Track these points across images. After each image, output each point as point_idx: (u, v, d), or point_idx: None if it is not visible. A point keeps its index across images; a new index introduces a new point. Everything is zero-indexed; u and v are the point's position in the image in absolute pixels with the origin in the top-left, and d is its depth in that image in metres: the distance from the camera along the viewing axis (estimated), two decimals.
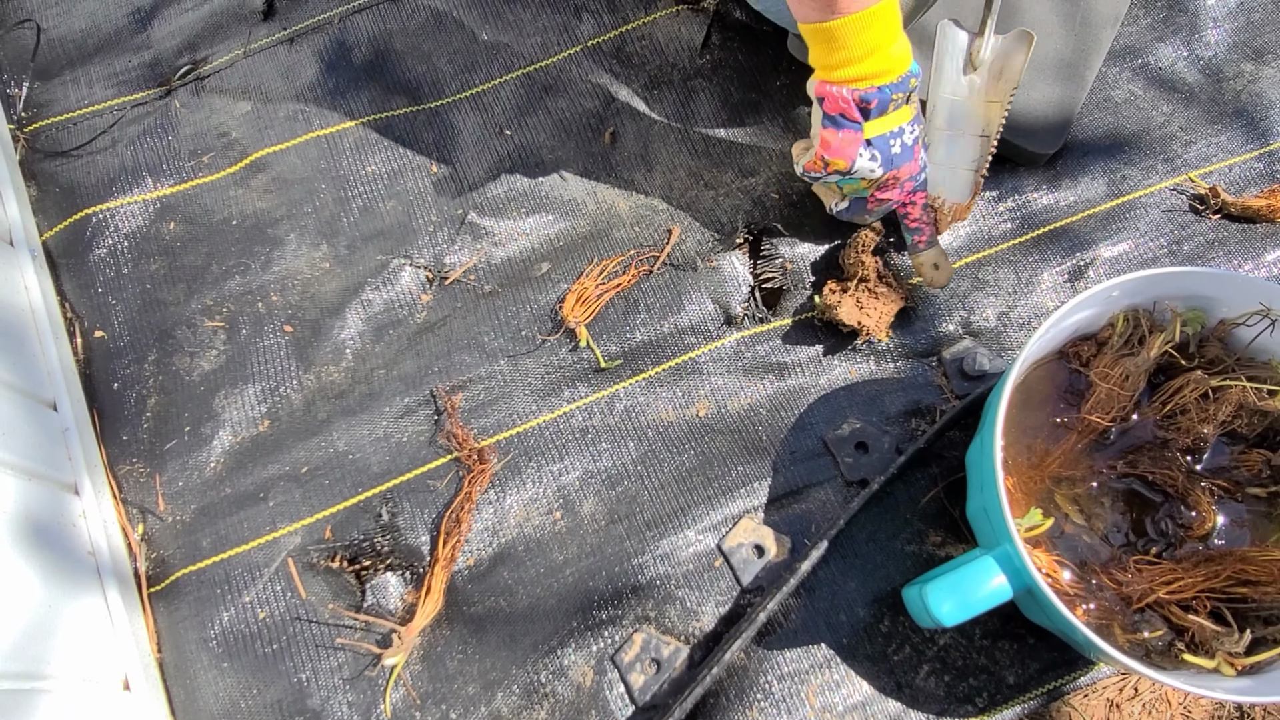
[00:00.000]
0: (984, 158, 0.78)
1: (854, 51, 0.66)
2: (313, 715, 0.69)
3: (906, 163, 0.71)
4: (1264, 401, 0.65)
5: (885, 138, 0.70)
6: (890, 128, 0.69)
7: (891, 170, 0.71)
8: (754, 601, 0.71)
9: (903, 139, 0.70)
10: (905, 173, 0.72)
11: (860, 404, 0.78)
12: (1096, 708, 0.72)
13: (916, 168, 0.73)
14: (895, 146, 0.70)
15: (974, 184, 0.79)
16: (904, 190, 0.74)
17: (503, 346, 0.80)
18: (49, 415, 0.75)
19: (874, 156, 0.70)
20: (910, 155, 0.71)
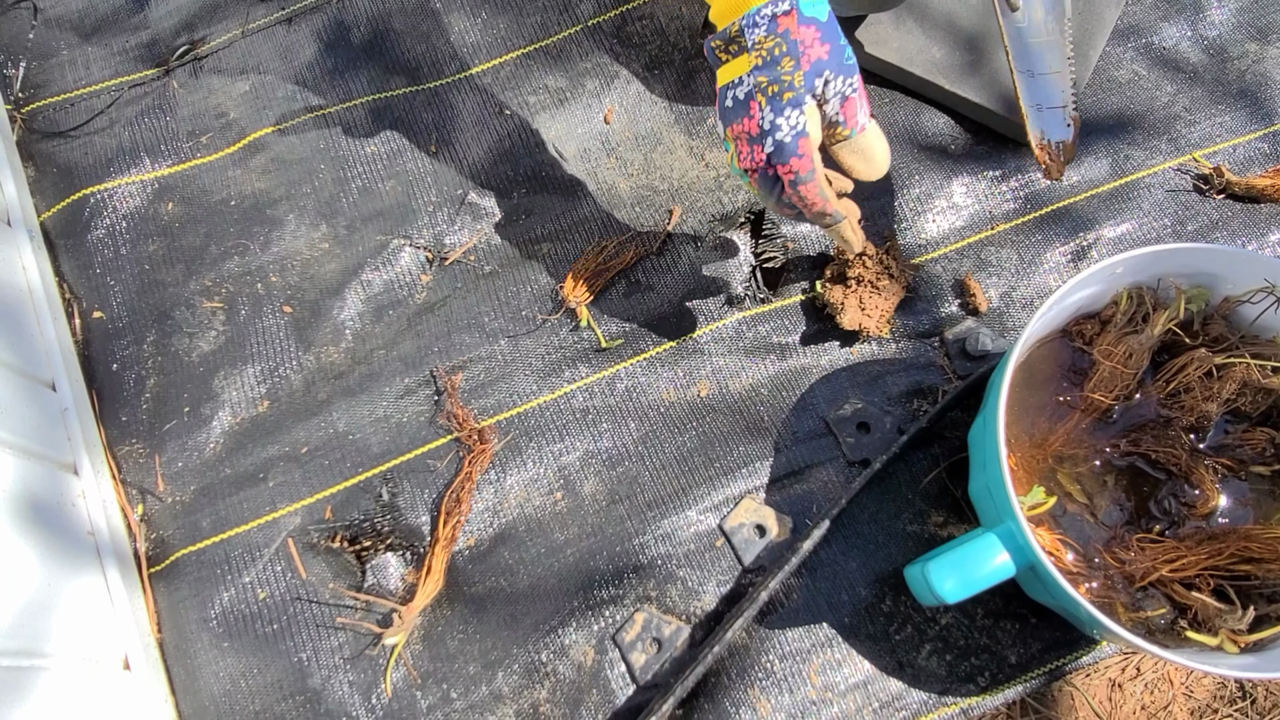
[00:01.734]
0: (1067, 94, 0.78)
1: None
2: (313, 695, 0.69)
3: (738, 120, 0.58)
4: (1268, 379, 0.65)
5: (722, 91, 0.59)
6: (729, 78, 0.59)
7: (728, 127, 0.59)
8: (755, 581, 0.71)
9: (735, 93, 0.58)
10: (737, 131, 0.58)
11: (862, 384, 0.77)
12: (1098, 687, 0.72)
13: (754, 125, 0.57)
14: (728, 101, 0.59)
15: (1069, 120, 0.79)
16: (754, 156, 0.58)
17: (503, 327, 0.79)
18: (48, 395, 0.75)
19: (717, 112, 0.60)
20: (744, 110, 0.58)
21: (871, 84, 0.88)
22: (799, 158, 0.57)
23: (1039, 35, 0.78)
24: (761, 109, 0.57)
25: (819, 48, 0.56)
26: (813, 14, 0.56)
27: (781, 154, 0.57)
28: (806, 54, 0.56)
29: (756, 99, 0.57)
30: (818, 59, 0.56)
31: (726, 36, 0.57)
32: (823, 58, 0.56)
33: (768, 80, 0.57)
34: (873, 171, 0.63)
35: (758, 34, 0.56)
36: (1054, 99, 0.79)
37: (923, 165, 0.84)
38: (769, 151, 0.58)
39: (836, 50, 0.57)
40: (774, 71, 0.57)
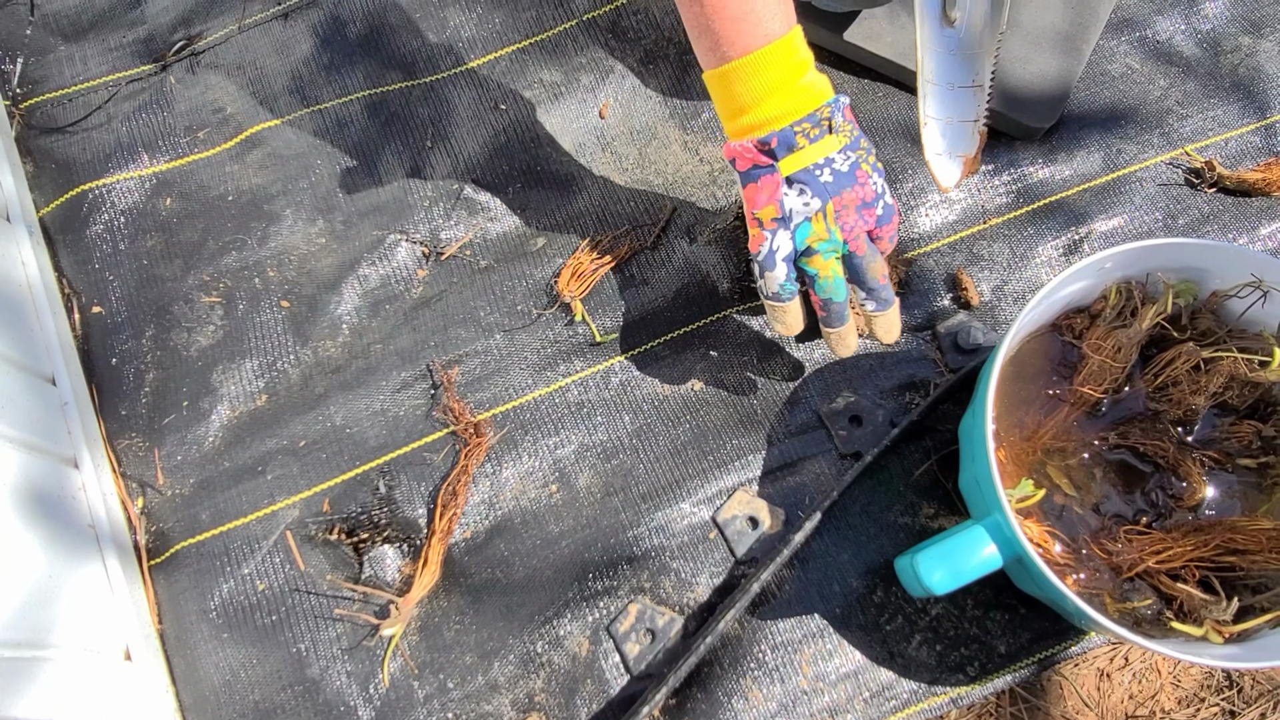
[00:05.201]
0: (980, 108, 0.77)
1: (747, 97, 0.60)
2: (312, 685, 0.70)
3: (848, 188, 0.63)
4: (1255, 373, 0.65)
5: (808, 170, 0.62)
6: (813, 160, 0.62)
7: (832, 197, 0.63)
8: (748, 573, 0.72)
9: (833, 166, 0.62)
10: (850, 199, 0.63)
11: (855, 378, 0.78)
12: (1087, 677, 0.73)
13: (869, 192, 0.63)
14: (824, 174, 0.62)
15: (976, 135, 0.77)
16: (865, 219, 0.64)
17: (498, 321, 0.80)
18: (48, 389, 0.76)
19: (802, 190, 0.62)
20: (851, 179, 0.63)
21: (865, 78, 0.88)
22: (897, 215, 0.66)
23: (971, 47, 0.77)
24: (871, 176, 0.64)
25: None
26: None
27: (890, 214, 0.65)
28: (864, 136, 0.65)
29: (863, 168, 0.63)
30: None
31: (817, 121, 0.61)
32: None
33: (865, 151, 0.63)
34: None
35: (839, 119, 0.62)
36: (967, 112, 0.77)
37: (916, 160, 0.84)
38: (879, 213, 0.64)
39: None
40: (860, 145, 0.63)
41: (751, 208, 0.64)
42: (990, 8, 0.75)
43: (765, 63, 0.59)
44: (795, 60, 0.60)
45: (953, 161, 0.78)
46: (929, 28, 0.76)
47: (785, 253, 0.64)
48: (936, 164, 0.77)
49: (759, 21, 0.59)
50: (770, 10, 0.59)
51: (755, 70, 0.60)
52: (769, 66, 0.59)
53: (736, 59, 0.59)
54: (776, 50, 0.59)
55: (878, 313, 0.68)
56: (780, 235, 0.64)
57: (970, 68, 0.77)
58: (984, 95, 0.76)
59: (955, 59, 0.77)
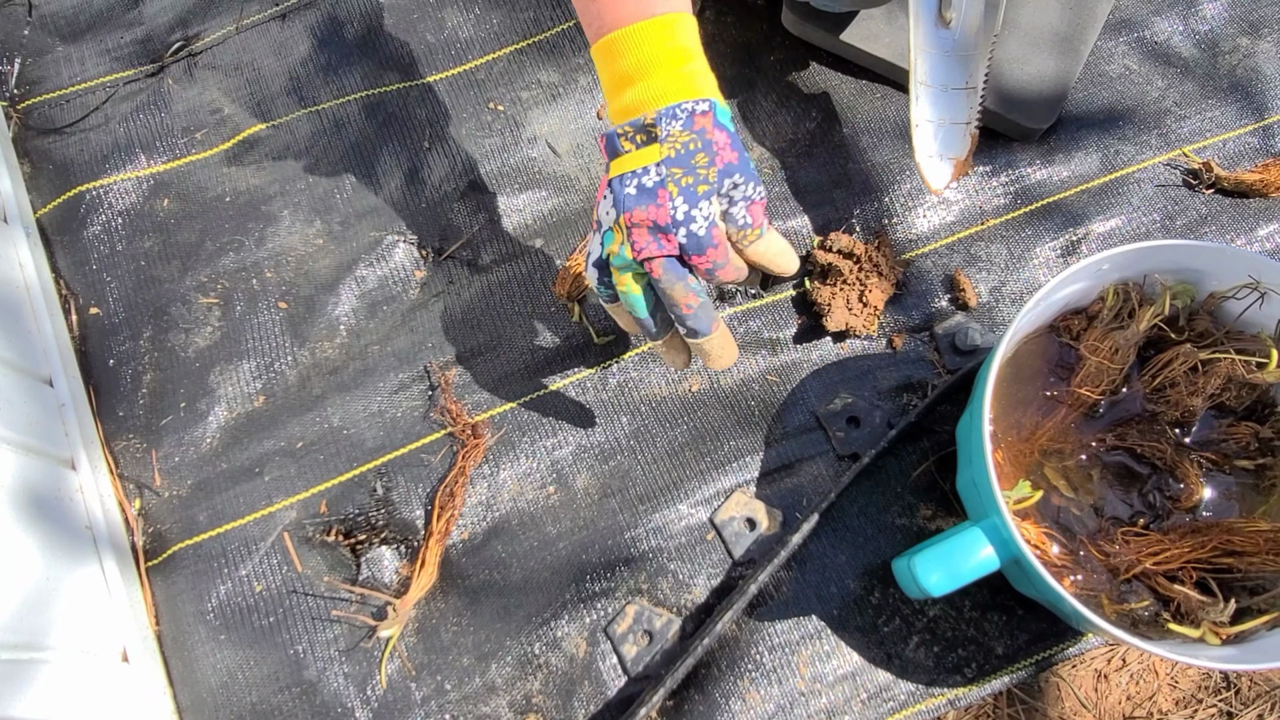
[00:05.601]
0: (973, 111, 0.77)
1: (609, 80, 0.58)
2: (309, 686, 0.70)
3: (642, 207, 0.56)
4: (1252, 374, 0.65)
5: (622, 178, 0.57)
6: (629, 168, 0.57)
7: (625, 212, 0.57)
8: (745, 574, 0.72)
9: (640, 180, 0.57)
10: (641, 218, 0.56)
11: (852, 379, 0.78)
12: (1084, 678, 0.73)
13: (663, 215, 0.56)
14: (630, 186, 0.57)
15: (968, 137, 0.77)
16: (660, 243, 0.57)
17: (496, 322, 0.80)
18: (45, 391, 0.75)
19: (608, 198, 0.58)
20: (650, 198, 0.56)
21: (863, 79, 0.88)
22: (715, 248, 0.57)
23: (966, 49, 0.76)
24: (673, 198, 0.56)
25: (729, 153, 0.57)
26: (724, 123, 0.58)
27: (698, 246, 0.57)
28: (720, 155, 0.57)
29: (667, 188, 0.57)
30: (728, 161, 0.57)
31: (639, 125, 0.57)
32: (732, 161, 0.57)
33: (682, 172, 0.57)
34: (790, 265, 0.62)
35: (674, 127, 0.57)
36: (959, 114, 0.77)
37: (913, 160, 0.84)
38: (682, 241, 0.57)
39: (744, 159, 0.58)
40: (688, 164, 0.57)
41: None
42: (985, 9, 0.75)
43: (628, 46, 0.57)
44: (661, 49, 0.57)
45: (943, 163, 0.78)
46: (923, 29, 0.76)
47: (594, 258, 0.61)
48: (927, 166, 0.77)
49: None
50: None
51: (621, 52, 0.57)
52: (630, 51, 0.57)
53: (606, 34, 0.57)
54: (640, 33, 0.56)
55: (691, 340, 0.62)
56: (594, 239, 0.61)
57: (964, 69, 0.77)
58: (977, 97, 0.76)
59: (949, 60, 0.77)
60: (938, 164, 0.78)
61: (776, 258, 0.61)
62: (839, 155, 0.85)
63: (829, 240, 0.80)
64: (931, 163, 0.77)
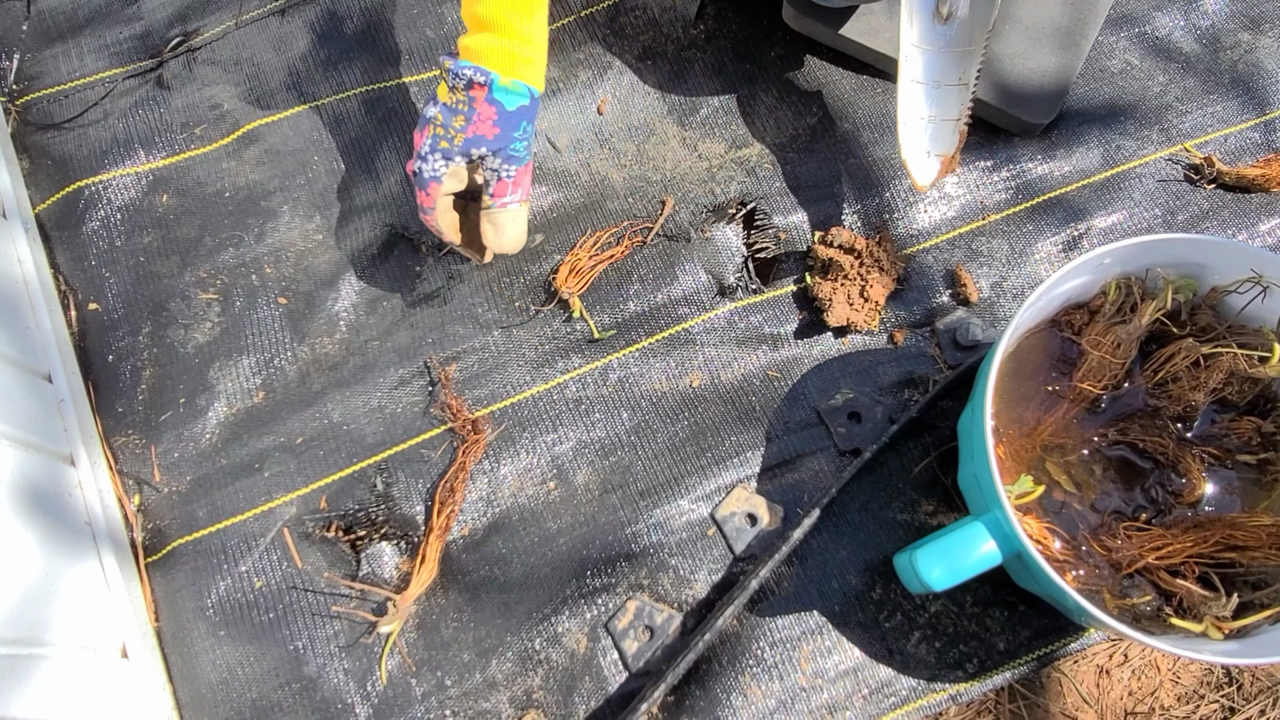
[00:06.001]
0: (964, 108, 0.77)
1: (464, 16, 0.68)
2: (309, 682, 0.69)
3: (417, 130, 0.70)
4: (1254, 369, 0.65)
5: (430, 97, 0.70)
6: (436, 94, 0.69)
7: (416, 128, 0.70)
8: (747, 569, 0.72)
9: (426, 109, 0.69)
10: (414, 139, 0.70)
11: (854, 374, 0.78)
12: (1086, 673, 0.73)
13: (417, 142, 0.70)
14: (425, 109, 0.69)
15: (957, 135, 0.77)
16: (409, 166, 0.71)
17: (496, 318, 0.80)
18: (44, 387, 0.75)
19: None
20: (421, 127, 0.69)
21: (864, 74, 0.88)
22: (425, 194, 0.69)
23: (960, 45, 0.76)
24: (426, 137, 0.68)
25: (488, 127, 0.67)
26: (501, 98, 0.67)
27: (418, 183, 0.70)
28: (476, 125, 0.67)
29: (429, 128, 0.68)
30: (480, 134, 0.67)
31: (439, 66, 0.67)
32: (486, 136, 0.67)
33: (441, 122, 0.68)
34: (500, 243, 0.73)
35: (457, 84, 0.66)
36: (950, 111, 0.77)
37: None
38: (413, 171, 0.69)
39: (504, 137, 0.68)
40: (449, 119, 0.67)
41: None
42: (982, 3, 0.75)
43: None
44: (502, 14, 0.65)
45: (931, 160, 0.77)
46: (920, 24, 0.76)
47: None
48: (914, 162, 0.77)
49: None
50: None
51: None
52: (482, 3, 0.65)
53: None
54: None
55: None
56: None
57: (958, 66, 0.77)
58: (968, 94, 0.76)
59: (944, 57, 0.77)
60: (925, 161, 0.77)
61: (490, 230, 0.72)
62: (840, 150, 0.85)
63: (830, 235, 0.79)
64: (919, 159, 0.77)
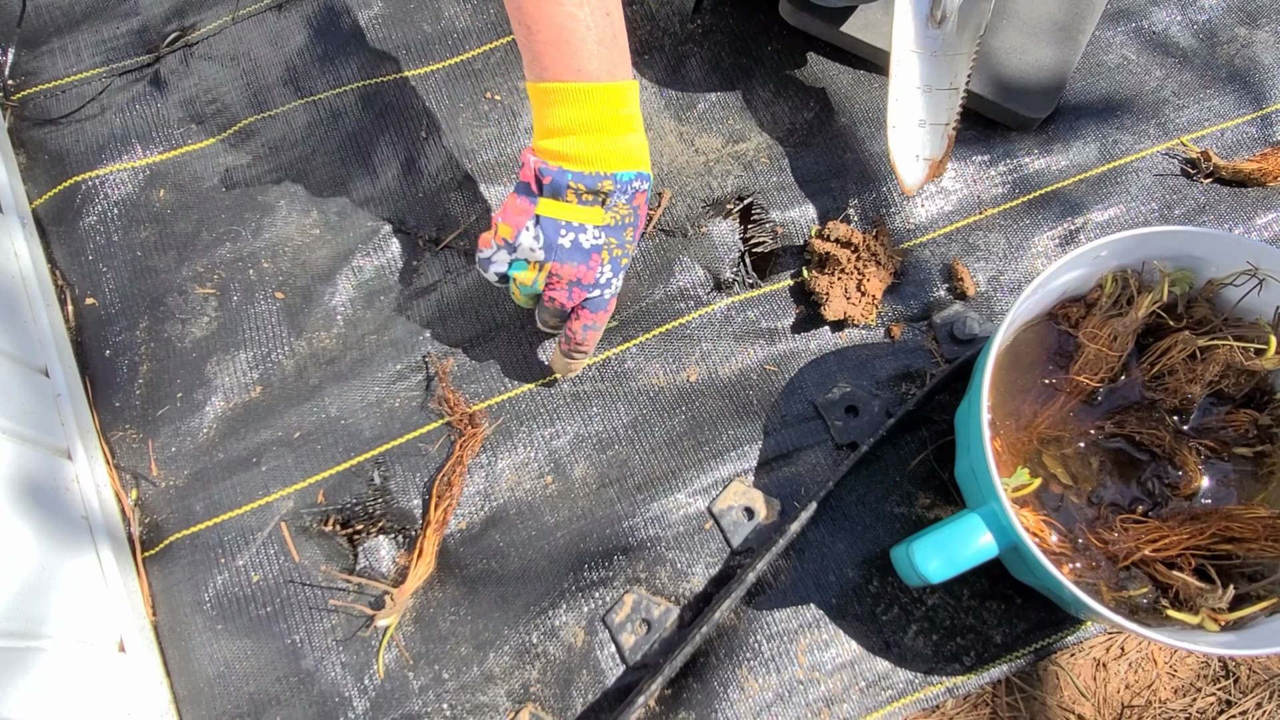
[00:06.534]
0: (953, 112, 0.77)
1: (554, 121, 0.60)
2: (307, 676, 0.69)
3: (573, 263, 0.63)
4: (1250, 361, 0.65)
5: (556, 223, 0.62)
6: (565, 218, 0.62)
7: (553, 261, 0.63)
8: (744, 563, 0.72)
9: (577, 237, 0.62)
10: (569, 274, 0.63)
11: (851, 368, 0.78)
12: (1083, 666, 0.73)
13: (590, 276, 0.64)
14: (565, 240, 0.62)
15: (946, 138, 0.77)
16: (572, 297, 0.65)
17: (493, 312, 0.80)
18: (41, 381, 0.75)
19: (538, 236, 0.62)
20: (584, 258, 0.63)
21: (861, 69, 0.88)
22: (605, 312, 0.67)
23: (952, 49, 0.76)
24: (603, 265, 0.64)
25: (642, 223, 0.66)
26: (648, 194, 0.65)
27: (596, 306, 0.66)
28: (639, 228, 0.65)
29: (601, 255, 0.64)
30: (640, 232, 0.66)
31: (591, 187, 0.61)
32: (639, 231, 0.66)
33: (616, 243, 0.64)
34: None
35: (620, 200, 0.62)
36: (940, 115, 0.77)
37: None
38: (591, 298, 0.65)
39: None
40: (620, 236, 0.64)
41: (501, 214, 0.64)
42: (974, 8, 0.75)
43: (582, 98, 0.59)
44: (617, 115, 0.61)
45: (919, 163, 0.78)
46: (912, 28, 0.76)
47: (499, 269, 0.66)
48: (903, 165, 0.77)
49: (573, 54, 0.59)
50: (588, 49, 0.59)
51: (569, 101, 0.60)
52: (584, 103, 0.60)
53: (555, 81, 0.60)
54: (597, 93, 0.59)
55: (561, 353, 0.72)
56: (501, 254, 0.65)
57: (949, 70, 0.77)
58: (958, 99, 0.76)
59: (935, 61, 0.77)
60: (914, 164, 0.78)
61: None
62: (837, 145, 0.85)
63: (827, 229, 0.80)
64: (908, 163, 0.77)
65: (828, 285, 0.77)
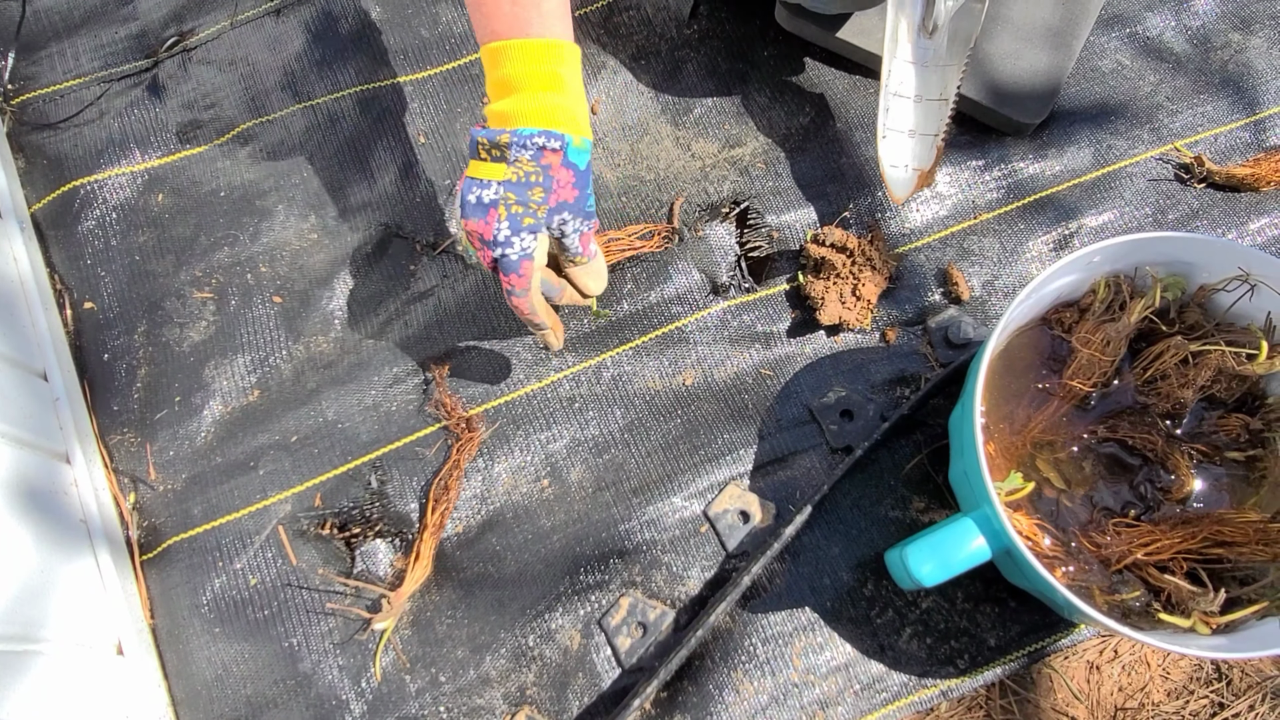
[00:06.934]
0: (943, 123, 0.77)
1: (490, 84, 0.62)
2: (304, 679, 0.70)
3: (474, 219, 0.62)
4: (1242, 366, 0.65)
5: (470, 182, 0.62)
6: (474, 175, 0.62)
7: (464, 220, 0.63)
8: (739, 566, 0.72)
9: (480, 193, 0.61)
10: (472, 229, 0.63)
11: (846, 372, 0.78)
12: (1077, 669, 0.73)
13: (488, 232, 0.62)
14: (471, 197, 0.62)
15: (935, 149, 0.77)
16: (484, 257, 0.64)
17: (490, 316, 0.80)
18: (40, 385, 0.76)
19: (457, 196, 0.63)
20: (482, 213, 0.62)
21: (857, 74, 0.88)
22: (519, 276, 0.63)
23: (942, 60, 0.76)
24: (499, 221, 0.62)
25: (568, 191, 0.63)
26: (575, 160, 0.62)
27: (505, 267, 0.63)
28: (557, 193, 0.62)
29: (498, 210, 0.62)
30: (563, 200, 0.63)
31: (492, 140, 0.61)
32: (568, 200, 0.63)
33: (515, 199, 0.62)
34: (600, 288, 0.72)
35: (523, 155, 0.61)
36: (930, 126, 0.77)
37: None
38: (496, 257, 0.63)
39: (582, 197, 0.64)
40: (523, 194, 0.62)
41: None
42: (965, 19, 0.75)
43: (495, 60, 0.60)
44: (529, 70, 0.60)
45: (908, 174, 0.78)
46: (904, 39, 0.77)
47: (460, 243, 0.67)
48: (892, 175, 0.78)
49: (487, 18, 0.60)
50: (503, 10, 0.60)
51: (489, 64, 0.61)
52: (497, 65, 0.60)
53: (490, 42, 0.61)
54: (508, 50, 0.60)
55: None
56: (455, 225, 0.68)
57: (940, 81, 0.77)
58: (948, 110, 0.76)
59: (927, 72, 0.77)
60: (903, 174, 0.78)
61: (590, 281, 0.70)
62: (832, 150, 0.85)
63: (822, 234, 0.80)
64: (897, 173, 0.78)
65: (823, 290, 0.78)
